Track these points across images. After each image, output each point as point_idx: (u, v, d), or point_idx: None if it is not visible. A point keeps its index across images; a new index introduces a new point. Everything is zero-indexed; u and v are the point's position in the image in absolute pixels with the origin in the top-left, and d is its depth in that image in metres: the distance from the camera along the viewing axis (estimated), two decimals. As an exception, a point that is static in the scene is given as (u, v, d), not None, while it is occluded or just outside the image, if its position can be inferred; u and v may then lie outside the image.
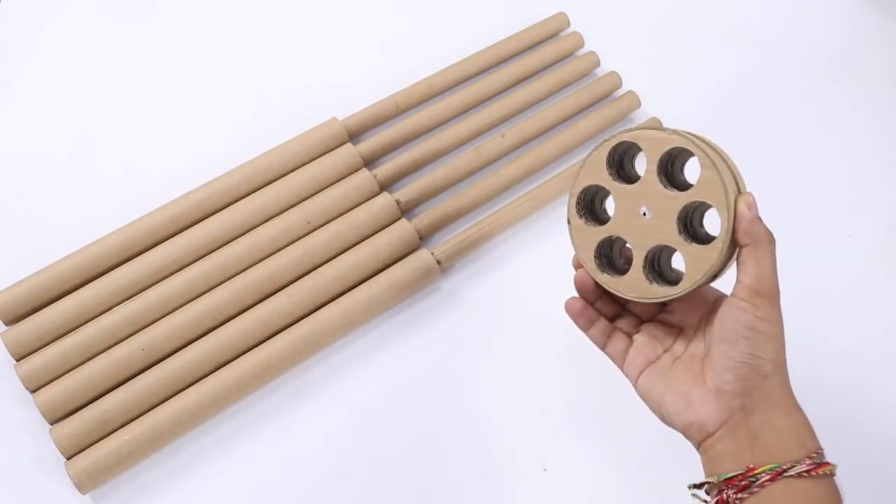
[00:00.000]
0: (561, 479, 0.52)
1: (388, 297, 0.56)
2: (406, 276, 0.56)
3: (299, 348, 0.54)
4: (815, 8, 0.77)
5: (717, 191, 0.40)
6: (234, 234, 0.57)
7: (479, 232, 0.59)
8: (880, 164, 0.67)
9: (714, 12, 0.76)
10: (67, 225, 0.59)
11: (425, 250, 0.58)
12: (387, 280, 0.56)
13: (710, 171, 0.40)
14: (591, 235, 0.45)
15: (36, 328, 0.52)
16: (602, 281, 0.45)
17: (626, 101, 0.67)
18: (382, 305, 0.56)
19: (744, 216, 0.40)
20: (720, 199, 0.40)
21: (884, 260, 0.62)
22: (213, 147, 0.63)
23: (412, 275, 0.57)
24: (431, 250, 0.58)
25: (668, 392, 0.42)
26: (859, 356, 0.57)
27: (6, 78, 0.67)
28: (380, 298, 0.56)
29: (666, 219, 0.43)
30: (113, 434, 0.50)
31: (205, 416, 0.52)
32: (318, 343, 0.55)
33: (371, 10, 0.73)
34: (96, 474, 0.49)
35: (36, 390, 0.51)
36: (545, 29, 0.71)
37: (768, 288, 0.40)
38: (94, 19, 0.71)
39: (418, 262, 0.57)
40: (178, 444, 0.52)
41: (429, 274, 0.57)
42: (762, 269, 0.40)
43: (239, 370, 0.52)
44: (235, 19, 0.72)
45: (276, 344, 0.53)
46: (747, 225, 0.40)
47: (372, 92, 0.65)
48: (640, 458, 0.53)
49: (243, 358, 0.53)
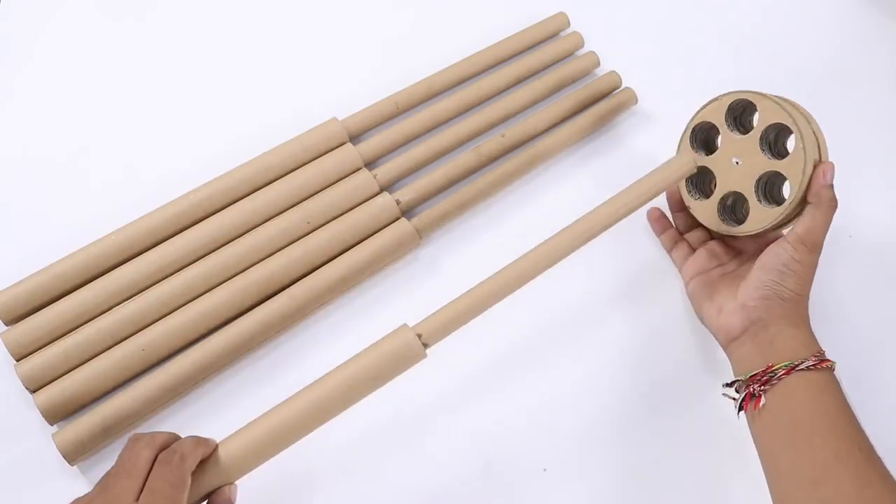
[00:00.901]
0: (561, 479, 0.52)
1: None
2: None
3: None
4: (814, 8, 0.77)
5: (797, 171, 0.50)
6: (234, 234, 0.57)
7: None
8: (880, 164, 0.67)
9: (714, 12, 0.76)
10: (67, 225, 0.59)
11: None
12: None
13: (799, 153, 0.50)
14: (690, 157, 0.55)
15: (36, 328, 0.52)
16: (685, 197, 0.58)
17: (625, 96, 0.68)
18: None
19: (817, 180, 0.50)
20: (797, 178, 0.50)
21: (884, 260, 0.62)
22: (213, 147, 0.63)
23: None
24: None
25: (707, 301, 0.54)
26: (859, 356, 0.57)
27: (6, 78, 0.67)
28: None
29: (750, 175, 0.53)
30: (114, 435, 0.50)
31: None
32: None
33: (371, 10, 0.73)
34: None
35: (36, 390, 0.51)
36: (545, 29, 0.71)
37: (812, 240, 0.50)
38: (94, 19, 0.71)
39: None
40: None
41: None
42: (814, 224, 0.50)
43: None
44: (235, 19, 0.72)
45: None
46: (817, 188, 0.50)
47: (372, 92, 0.65)
48: (639, 458, 0.53)
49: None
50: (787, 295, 0.50)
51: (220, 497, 0.42)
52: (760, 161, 0.52)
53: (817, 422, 0.46)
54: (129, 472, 0.39)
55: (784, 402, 0.47)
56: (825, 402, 0.47)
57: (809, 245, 0.50)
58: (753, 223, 0.53)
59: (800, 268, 0.50)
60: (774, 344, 0.49)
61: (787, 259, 0.50)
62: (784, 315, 0.50)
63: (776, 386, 0.48)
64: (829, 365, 0.48)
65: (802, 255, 0.49)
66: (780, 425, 0.47)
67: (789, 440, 0.46)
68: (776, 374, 0.48)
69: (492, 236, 0.61)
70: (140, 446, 0.40)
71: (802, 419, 0.46)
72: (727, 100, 0.54)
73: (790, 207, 0.51)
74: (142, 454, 0.40)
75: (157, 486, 0.39)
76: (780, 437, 0.47)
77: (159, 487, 0.39)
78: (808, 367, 0.47)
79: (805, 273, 0.50)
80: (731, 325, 0.52)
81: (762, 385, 0.48)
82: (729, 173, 0.55)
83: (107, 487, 0.39)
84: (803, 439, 0.45)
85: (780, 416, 0.47)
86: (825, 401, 0.47)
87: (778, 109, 0.51)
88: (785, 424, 0.47)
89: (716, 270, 0.56)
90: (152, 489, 0.39)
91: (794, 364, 0.47)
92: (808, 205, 0.50)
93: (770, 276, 0.50)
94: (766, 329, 0.50)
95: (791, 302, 0.50)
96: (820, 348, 0.50)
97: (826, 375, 0.48)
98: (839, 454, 0.44)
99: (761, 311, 0.50)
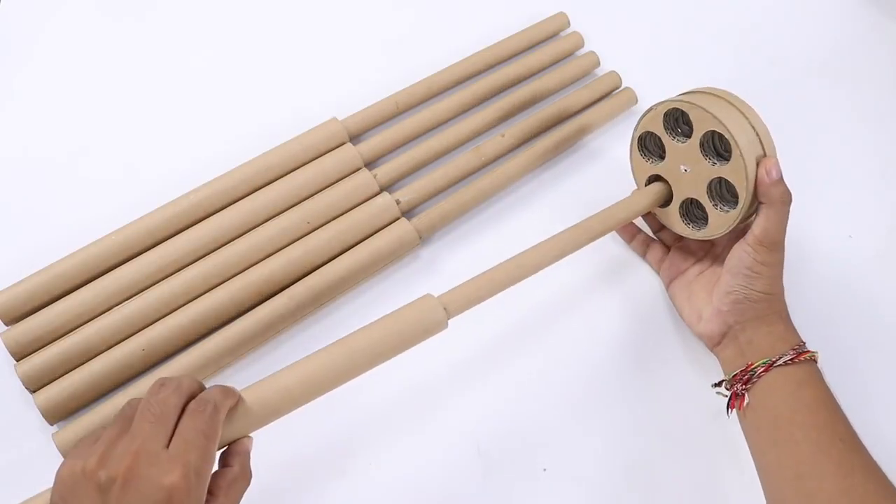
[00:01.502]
0: (561, 479, 0.52)
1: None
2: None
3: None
4: (814, 8, 0.77)
5: (741, 176, 0.49)
6: (234, 234, 0.57)
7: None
8: (880, 164, 0.67)
9: (713, 12, 0.76)
10: (67, 225, 0.59)
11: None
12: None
13: (738, 159, 0.49)
14: (645, 168, 0.56)
15: (36, 328, 0.52)
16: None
17: (625, 96, 0.68)
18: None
19: (762, 181, 0.49)
20: (741, 183, 0.49)
21: (884, 260, 0.62)
22: (213, 147, 0.63)
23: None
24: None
25: (686, 306, 0.55)
26: (859, 357, 0.57)
27: (6, 78, 0.67)
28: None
29: (700, 181, 0.52)
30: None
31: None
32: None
33: (371, 10, 0.73)
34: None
35: (36, 390, 0.51)
36: (545, 29, 0.71)
37: (771, 240, 0.49)
38: (94, 19, 0.71)
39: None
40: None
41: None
42: (769, 224, 0.49)
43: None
44: (235, 19, 0.72)
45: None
46: (765, 189, 0.49)
47: (372, 92, 0.65)
48: (640, 458, 0.53)
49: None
50: (756, 297, 0.50)
51: (239, 447, 0.41)
52: (706, 167, 0.51)
53: (797, 416, 0.46)
54: (158, 417, 0.37)
55: (765, 398, 0.48)
56: (805, 395, 0.47)
57: (769, 245, 0.49)
58: (713, 228, 0.53)
59: (764, 269, 0.49)
60: (754, 343, 0.50)
61: (751, 262, 0.49)
62: (758, 315, 0.50)
63: (757, 384, 0.48)
64: (810, 356, 0.48)
65: (764, 255, 0.49)
66: (763, 422, 0.48)
67: (772, 436, 0.47)
68: (755, 373, 0.48)
69: (492, 236, 0.61)
70: (168, 392, 0.38)
71: (783, 414, 0.47)
72: (662, 108, 0.52)
73: (743, 211, 0.50)
74: (170, 400, 0.38)
75: (189, 437, 0.37)
76: (765, 433, 0.47)
77: (192, 438, 0.37)
78: (787, 362, 0.48)
79: (771, 272, 0.50)
80: (711, 331, 0.52)
81: (744, 384, 0.49)
82: (681, 180, 0.54)
83: (131, 431, 0.37)
84: (785, 434, 0.46)
85: (763, 413, 0.48)
86: (805, 394, 0.47)
87: (707, 117, 0.49)
88: (768, 421, 0.47)
89: (692, 270, 0.56)
90: (185, 439, 0.37)
91: (771, 360, 0.48)
92: (761, 204, 0.50)
93: (737, 281, 0.50)
94: (743, 331, 0.51)
95: (763, 302, 0.50)
96: (799, 340, 0.50)
97: (805, 368, 0.48)
98: (820, 446, 0.45)
99: (736, 315, 0.51)
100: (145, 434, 0.36)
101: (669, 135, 0.53)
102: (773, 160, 0.49)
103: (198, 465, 0.36)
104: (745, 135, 0.49)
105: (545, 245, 0.51)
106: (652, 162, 0.55)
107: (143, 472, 0.35)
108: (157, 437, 0.36)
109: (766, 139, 0.50)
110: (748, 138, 0.49)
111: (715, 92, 0.51)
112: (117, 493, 0.34)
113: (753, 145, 0.49)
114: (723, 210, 0.51)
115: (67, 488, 0.36)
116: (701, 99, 0.50)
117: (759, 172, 0.49)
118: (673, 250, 0.58)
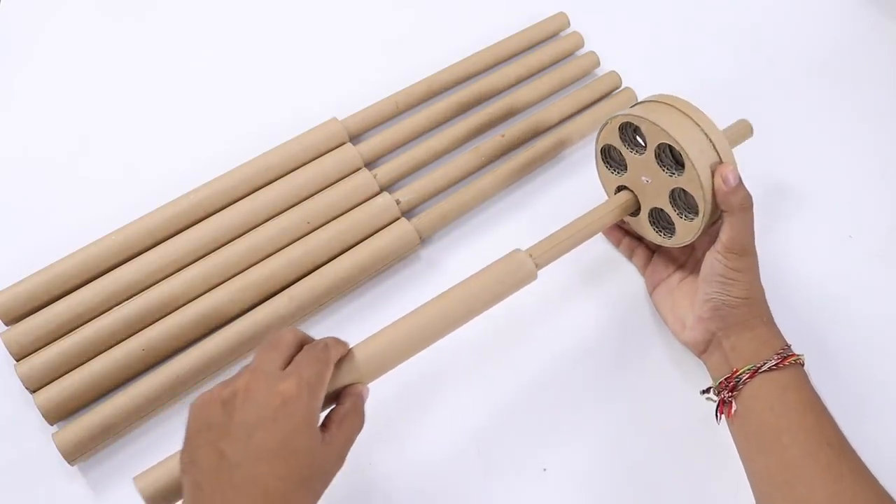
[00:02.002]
0: (561, 479, 0.52)
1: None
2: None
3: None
4: (814, 8, 0.77)
5: (696, 186, 0.48)
6: (234, 234, 0.57)
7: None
8: (880, 164, 0.67)
9: (713, 12, 0.76)
10: (67, 225, 0.59)
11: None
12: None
13: (691, 171, 0.48)
14: (612, 180, 0.55)
15: (36, 328, 0.52)
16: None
17: (625, 96, 0.68)
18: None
19: (719, 190, 0.48)
20: (698, 193, 0.48)
21: (884, 260, 0.62)
22: (213, 147, 0.63)
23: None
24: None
25: (670, 314, 0.55)
26: (859, 357, 0.57)
27: (6, 78, 0.67)
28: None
29: (662, 192, 0.51)
30: (113, 435, 0.50)
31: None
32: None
33: (371, 10, 0.73)
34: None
35: (36, 390, 0.51)
36: (545, 29, 0.71)
37: (739, 246, 0.49)
38: (94, 19, 0.71)
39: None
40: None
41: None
42: (734, 232, 0.48)
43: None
44: (235, 19, 0.72)
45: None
46: (722, 197, 0.48)
47: (372, 92, 0.65)
48: (639, 458, 0.53)
49: (244, 358, 0.53)
50: (734, 303, 0.50)
51: (351, 388, 0.44)
52: (664, 178, 0.51)
53: (784, 421, 0.46)
54: (275, 346, 0.41)
55: (752, 405, 0.47)
56: (791, 400, 0.47)
57: (738, 251, 0.49)
58: (681, 236, 0.52)
59: (738, 274, 0.49)
60: (737, 349, 0.49)
61: (723, 269, 0.49)
62: (738, 321, 0.50)
63: (743, 390, 0.48)
64: (795, 360, 0.48)
65: (735, 262, 0.49)
66: (750, 428, 0.47)
67: (760, 442, 0.46)
68: (741, 379, 0.48)
69: (492, 236, 0.61)
70: (285, 331, 0.43)
71: (770, 420, 0.46)
72: (616, 122, 0.52)
73: (705, 219, 0.49)
74: (287, 336, 0.42)
75: (303, 362, 0.41)
76: (752, 440, 0.47)
77: (306, 364, 0.40)
78: (771, 368, 0.47)
79: (746, 277, 0.49)
80: (695, 339, 0.52)
81: (730, 391, 0.48)
82: (645, 191, 0.53)
83: (251, 363, 0.41)
84: (772, 440, 0.46)
85: (750, 420, 0.47)
86: (791, 398, 0.47)
87: (657, 130, 0.49)
88: (755, 427, 0.47)
89: (675, 276, 0.56)
90: (299, 361, 0.41)
91: (756, 367, 0.48)
92: (723, 212, 0.49)
93: (713, 288, 0.50)
94: (727, 337, 0.50)
95: (742, 307, 0.50)
96: (783, 343, 0.49)
97: (791, 372, 0.48)
98: (808, 451, 0.44)
99: (717, 322, 0.50)
100: (262, 359, 0.41)
101: (627, 147, 0.52)
102: (730, 167, 0.48)
103: (311, 381, 0.40)
104: (696, 144, 0.48)
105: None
106: (617, 173, 0.55)
107: (260, 385, 0.39)
108: (273, 361, 0.41)
109: (721, 145, 0.49)
110: (700, 147, 0.48)
111: (667, 100, 0.50)
112: (239, 403, 0.39)
113: (707, 153, 0.48)
114: (687, 218, 0.51)
115: (197, 413, 0.40)
116: (652, 110, 0.50)
117: (716, 181, 0.48)
118: (655, 256, 0.58)
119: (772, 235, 0.62)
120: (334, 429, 0.41)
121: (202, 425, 0.39)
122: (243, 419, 0.38)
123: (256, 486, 0.37)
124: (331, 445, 0.40)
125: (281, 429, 0.38)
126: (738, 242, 0.49)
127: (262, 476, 0.37)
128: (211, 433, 0.38)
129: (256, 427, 0.38)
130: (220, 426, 0.38)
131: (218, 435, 0.38)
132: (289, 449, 0.38)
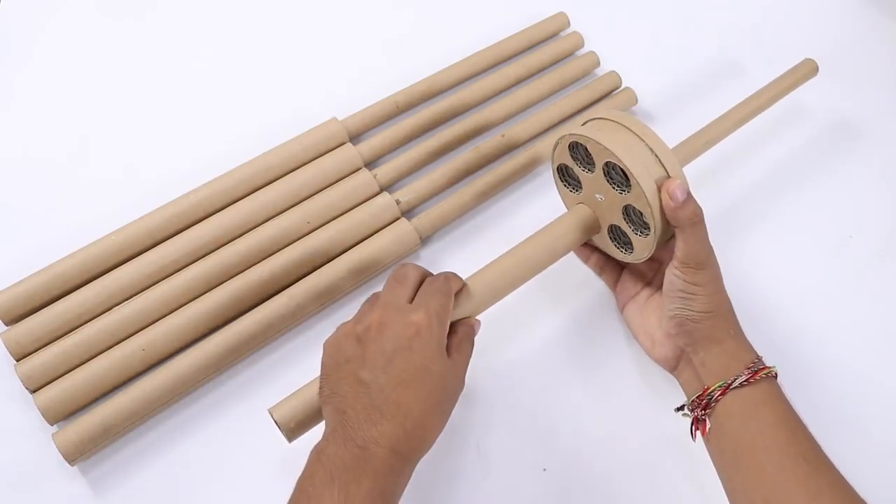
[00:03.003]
0: (561, 479, 0.52)
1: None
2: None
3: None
4: (814, 8, 0.77)
5: (643, 203, 0.48)
6: (234, 234, 0.57)
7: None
8: (880, 164, 0.67)
9: (713, 12, 0.76)
10: (67, 225, 0.59)
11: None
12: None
13: (636, 188, 0.47)
14: (571, 197, 0.55)
15: (36, 328, 0.52)
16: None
17: (625, 96, 0.68)
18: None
19: (667, 206, 0.47)
20: (646, 209, 0.48)
21: (884, 260, 0.62)
22: (213, 147, 0.63)
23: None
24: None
25: (640, 331, 0.54)
26: (859, 357, 0.57)
27: (6, 78, 0.67)
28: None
29: (615, 209, 0.51)
30: (114, 435, 0.50)
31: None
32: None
33: (371, 10, 0.73)
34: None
35: (36, 390, 0.51)
36: (545, 29, 0.71)
37: (695, 260, 0.47)
38: (94, 19, 0.71)
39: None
40: (182, 445, 0.52)
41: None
42: (688, 246, 0.47)
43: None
44: (235, 19, 0.72)
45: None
46: (670, 212, 0.47)
47: (372, 92, 0.65)
48: (639, 459, 0.53)
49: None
50: (698, 317, 0.48)
51: (464, 321, 0.47)
52: (615, 196, 0.50)
53: (758, 438, 0.45)
54: (401, 282, 0.45)
55: (725, 422, 0.46)
56: (764, 416, 0.45)
57: (694, 265, 0.47)
58: (639, 252, 0.51)
59: (698, 288, 0.48)
60: (707, 365, 0.48)
61: (682, 284, 0.48)
62: (705, 335, 0.48)
63: (716, 408, 0.47)
64: (767, 373, 0.46)
65: (692, 276, 0.48)
66: (726, 445, 0.46)
67: (736, 460, 0.45)
68: (713, 397, 0.47)
69: (492, 236, 0.61)
70: (407, 267, 0.46)
71: (743, 437, 0.45)
72: (565, 141, 0.51)
73: (658, 235, 0.49)
74: (411, 272, 0.46)
75: (428, 291, 0.45)
76: (728, 457, 0.46)
77: (432, 296, 0.44)
78: (742, 384, 0.46)
79: (706, 290, 0.48)
80: (665, 356, 0.51)
81: (703, 409, 0.47)
82: (600, 208, 0.52)
83: (378, 299, 0.45)
84: (748, 458, 0.44)
85: (725, 437, 0.46)
86: (764, 414, 0.45)
87: (600, 149, 0.48)
88: (730, 444, 0.46)
89: (643, 293, 0.55)
90: (425, 293, 0.45)
91: (727, 383, 0.46)
92: (675, 227, 0.48)
93: (675, 304, 0.49)
94: (696, 353, 0.49)
95: (706, 321, 0.48)
96: (754, 356, 0.48)
97: (763, 387, 0.46)
98: (784, 467, 0.43)
99: (684, 337, 0.49)
100: (390, 295, 0.45)
101: (579, 166, 0.52)
102: (676, 181, 0.47)
103: (438, 311, 0.44)
104: (640, 161, 0.47)
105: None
106: (575, 191, 0.54)
107: (392, 318, 0.43)
108: (401, 296, 0.45)
109: (667, 159, 0.48)
110: (645, 164, 0.47)
111: (613, 117, 0.50)
112: (373, 335, 0.42)
113: (652, 169, 0.47)
114: (642, 234, 0.50)
115: (332, 349, 0.44)
116: (599, 128, 0.49)
117: (662, 197, 0.47)
118: (624, 273, 0.57)
119: (764, 238, 0.62)
120: (455, 354, 0.45)
121: (340, 359, 0.43)
122: (380, 349, 0.42)
123: (399, 408, 0.41)
124: (456, 368, 0.44)
125: (418, 356, 0.42)
126: (693, 257, 0.47)
127: (403, 399, 0.41)
128: (350, 364, 0.42)
129: (394, 355, 0.42)
130: (358, 357, 0.42)
131: (357, 365, 0.42)
132: (426, 374, 0.42)
